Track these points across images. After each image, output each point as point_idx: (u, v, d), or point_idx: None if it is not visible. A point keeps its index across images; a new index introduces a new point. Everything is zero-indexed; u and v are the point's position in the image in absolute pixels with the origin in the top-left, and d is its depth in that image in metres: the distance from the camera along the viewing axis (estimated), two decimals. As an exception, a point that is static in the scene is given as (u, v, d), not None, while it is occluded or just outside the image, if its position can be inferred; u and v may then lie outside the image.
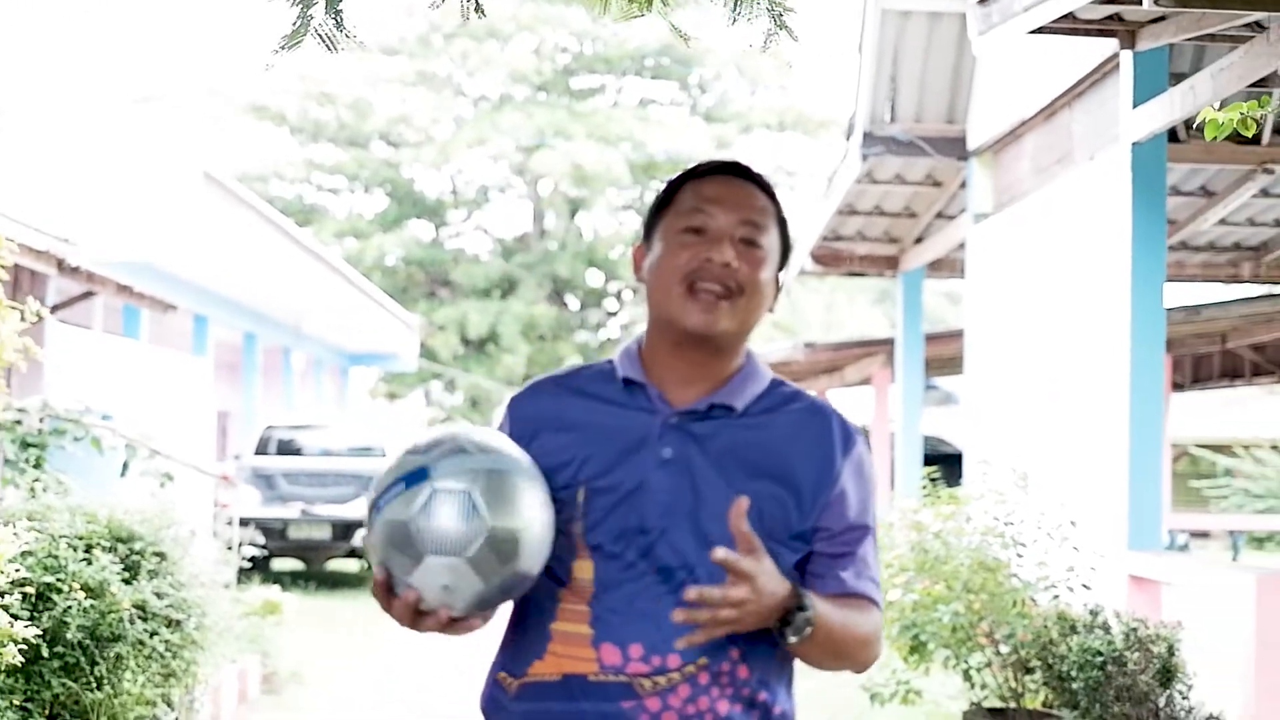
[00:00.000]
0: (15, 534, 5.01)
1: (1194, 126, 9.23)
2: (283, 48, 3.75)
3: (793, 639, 2.30)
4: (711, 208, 2.48)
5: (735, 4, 3.71)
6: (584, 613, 2.39)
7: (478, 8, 3.55)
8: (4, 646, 5.11)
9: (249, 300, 19.44)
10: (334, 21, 3.70)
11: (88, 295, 13.77)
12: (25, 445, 8.78)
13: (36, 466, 8.74)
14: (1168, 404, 17.56)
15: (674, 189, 2.56)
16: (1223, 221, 12.48)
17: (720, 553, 2.22)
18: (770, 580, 2.25)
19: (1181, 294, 16.28)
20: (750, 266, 2.46)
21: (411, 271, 39.06)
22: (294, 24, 3.69)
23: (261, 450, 17.48)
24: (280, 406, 24.08)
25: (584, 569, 2.38)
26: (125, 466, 9.24)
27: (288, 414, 21.27)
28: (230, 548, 9.61)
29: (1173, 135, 8.89)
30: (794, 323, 40.69)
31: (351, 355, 30.05)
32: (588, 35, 38.82)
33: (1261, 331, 15.07)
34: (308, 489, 16.43)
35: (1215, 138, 4.07)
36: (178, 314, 14.53)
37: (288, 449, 17.59)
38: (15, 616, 5.50)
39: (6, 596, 5.12)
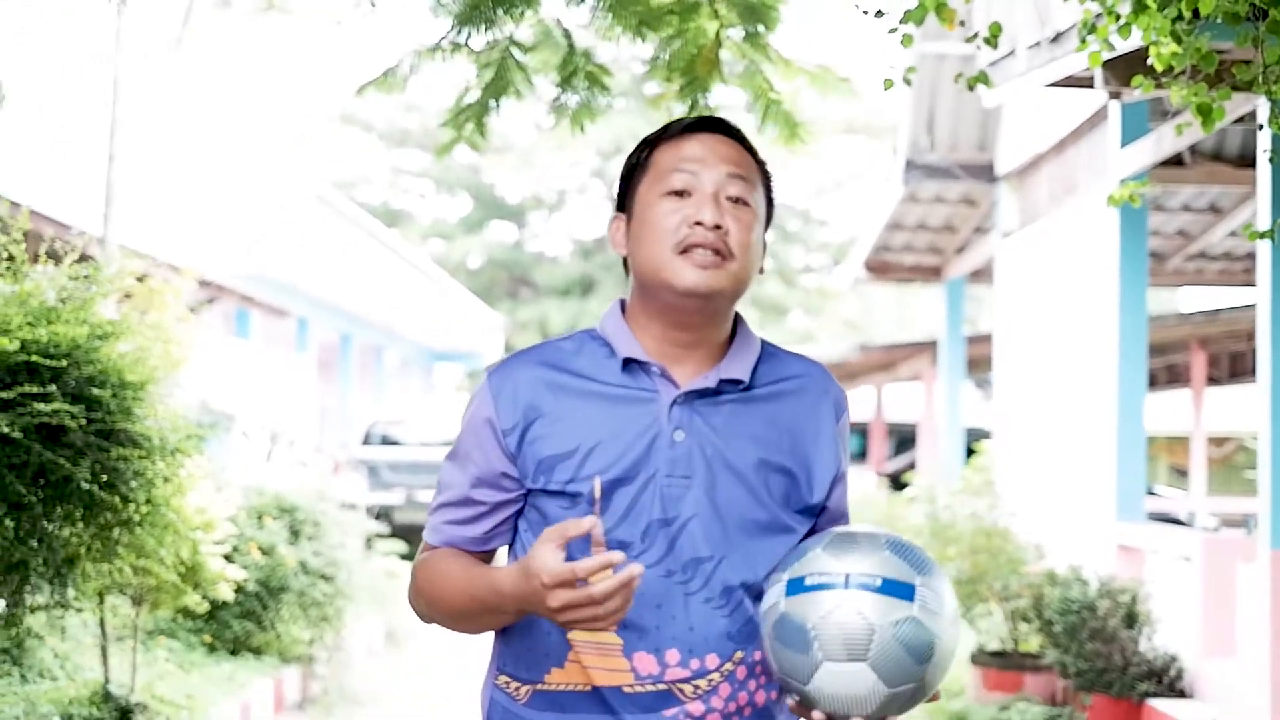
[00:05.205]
0: (226, 500, 6.58)
1: (1195, 152, 10.70)
2: (440, 154, 5.26)
3: None
4: (694, 166, 2.30)
5: (763, 118, 5.23)
6: None
7: (582, 129, 5.04)
8: (216, 585, 6.69)
9: (347, 303, 20.69)
10: (479, 133, 5.18)
11: (210, 301, 15.41)
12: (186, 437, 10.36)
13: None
14: (1201, 398, 18.77)
15: (647, 152, 2.39)
16: (1233, 234, 13.73)
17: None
18: None
19: (1201, 298, 17.43)
20: (741, 227, 2.28)
21: (494, 272, 40.34)
22: (450, 137, 5.18)
23: (366, 442, 19.07)
24: (371, 402, 25.19)
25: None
26: (270, 454, 10.85)
27: (379, 409, 22.74)
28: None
29: (1179, 161, 10.23)
30: (864, 320, 41.66)
31: (437, 353, 31.08)
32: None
33: (1281, 331, 16.22)
34: (409, 477, 18.01)
35: (1117, 205, 5.44)
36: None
37: (389, 441, 19.17)
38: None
39: (216, 547, 6.67)
